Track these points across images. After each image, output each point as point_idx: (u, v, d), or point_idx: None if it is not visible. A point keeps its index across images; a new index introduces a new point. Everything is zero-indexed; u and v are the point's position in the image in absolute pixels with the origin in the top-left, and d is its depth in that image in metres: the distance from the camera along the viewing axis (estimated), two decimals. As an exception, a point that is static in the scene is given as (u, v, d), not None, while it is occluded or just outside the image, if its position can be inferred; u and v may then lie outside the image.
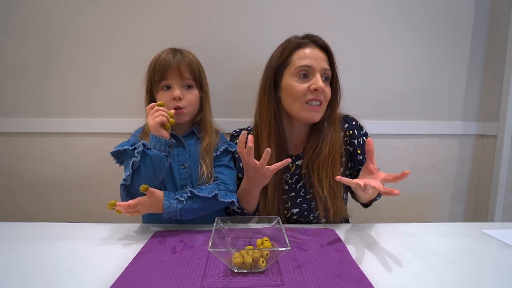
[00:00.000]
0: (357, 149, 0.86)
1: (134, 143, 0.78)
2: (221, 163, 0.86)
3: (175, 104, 0.80)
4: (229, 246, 0.64)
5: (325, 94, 0.80)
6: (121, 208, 0.70)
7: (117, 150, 0.79)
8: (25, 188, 1.16)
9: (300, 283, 0.53)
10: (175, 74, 0.80)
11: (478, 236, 0.74)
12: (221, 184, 0.81)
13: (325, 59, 0.81)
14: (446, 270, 0.59)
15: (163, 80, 0.80)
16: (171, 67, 0.79)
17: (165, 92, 0.81)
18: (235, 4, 1.08)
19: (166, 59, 0.79)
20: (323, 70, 0.80)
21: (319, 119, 0.82)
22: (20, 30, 1.07)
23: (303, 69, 0.79)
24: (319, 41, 0.82)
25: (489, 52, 1.17)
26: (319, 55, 0.80)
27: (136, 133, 0.85)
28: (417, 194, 1.25)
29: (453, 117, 1.21)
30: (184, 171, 0.82)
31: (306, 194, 0.86)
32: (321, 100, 0.80)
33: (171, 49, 0.83)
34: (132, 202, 0.71)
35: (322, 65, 0.79)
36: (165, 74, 0.79)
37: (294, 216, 0.88)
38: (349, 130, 0.87)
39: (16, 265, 0.59)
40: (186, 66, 0.81)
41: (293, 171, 0.87)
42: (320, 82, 0.78)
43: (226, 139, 0.93)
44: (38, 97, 1.11)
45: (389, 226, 0.81)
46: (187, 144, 0.84)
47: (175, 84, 0.80)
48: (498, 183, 1.17)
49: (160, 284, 0.53)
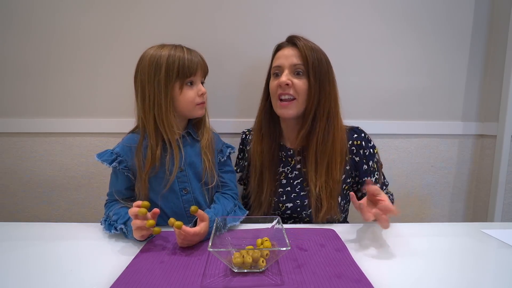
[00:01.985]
0: (363, 159, 0.88)
1: (117, 157, 0.78)
2: (228, 168, 0.91)
3: (201, 99, 0.81)
4: (229, 246, 0.64)
5: (296, 88, 0.82)
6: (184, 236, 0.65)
7: (100, 160, 0.78)
8: (25, 188, 1.16)
9: (300, 283, 0.53)
10: (201, 70, 0.81)
11: (478, 236, 0.74)
12: (230, 191, 0.87)
13: (295, 55, 0.82)
14: (446, 270, 0.59)
15: (192, 76, 0.79)
16: (200, 63, 0.80)
17: (190, 88, 0.80)
18: (235, 4, 1.08)
19: (192, 55, 0.79)
20: (292, 66, 0.82)
21: (291, 114, 0.84)
22: (21, 30, 1.07)
23: (275, 70, 0.86)
24: (293, 40, 0.85)
25: (489, 52, 1.18)
26: (288, 52, 0.83)
27: (125, 143, 0.81)
28: (417, 194, 1.25)
29: (453, 117, 1.21)
30: (181, 174, 0.82)
31: (301, 191, 0.88)
32: (291, 94, 0.82)
33: (179, 46, 0.80)
34: (196, 229, 0.66)
35: (290, 61, 0.82)
36: (195, 70, 0.79)
37: (288, 211, 0.89)
38: (357, 140, 0.88)
39: (16, 265, 0.59)
40: (205, 63, 0.83)
41: (293, 164, 0.90)
42: (283, 77, 0.82)
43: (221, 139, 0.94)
44: (38, 97, 1.11)
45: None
46: (183, 146, 0.83)
47: (197, 80, 0.81)
48: (498, 183, 1.17)
49: (160, 284, 0.53)
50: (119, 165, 0.78)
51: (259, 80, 0.93)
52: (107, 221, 0.74)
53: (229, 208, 0.81)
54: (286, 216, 0.90)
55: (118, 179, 0.81)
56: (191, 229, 0.65)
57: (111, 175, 0.83)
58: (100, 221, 0.77)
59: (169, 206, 0.81)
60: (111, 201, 0.81)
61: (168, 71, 0.76)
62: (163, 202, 0.80)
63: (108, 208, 0.80)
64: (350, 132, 0.89)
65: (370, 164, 0.88)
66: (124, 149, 0.80)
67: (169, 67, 0.76)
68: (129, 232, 0.69)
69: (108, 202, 0.82)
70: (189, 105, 0.80)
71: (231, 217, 0.75)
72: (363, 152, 0.88)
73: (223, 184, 0.88)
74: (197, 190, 0.83)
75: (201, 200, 0.83)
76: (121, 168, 0.78)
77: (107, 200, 0.83)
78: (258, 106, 0.93)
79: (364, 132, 0.91)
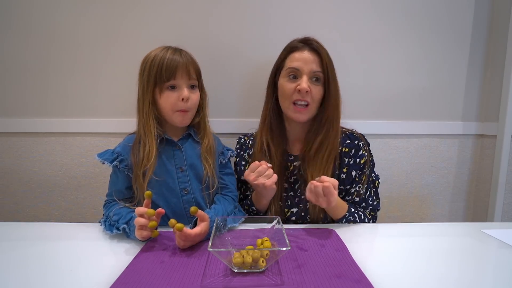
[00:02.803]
0: (343, 167, 0.86)
1: (118, 156, 0.79)
2: (229, 171, 0.91)
3: (183, 105, 0.78)
4: (229, 246, 0.64)
5: (313, 95, 0.82)
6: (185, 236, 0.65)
7: (101, 159, 0.79)
8: (25, 188, 1.16)
9: (300, 283, 0.53)
10: (184, 73, 0.77)
11: (478, 236, 0.74)
12: (230, 193, 0.87)
13: (315, 61, 0.82)
14: (446, 270, 0.59)
15: (171, 80, 0.76)
16: (180, 67, 0.76)
17: (171, 92, 0.77)
18: (235, 5, 1.08)
19: (173, 58, 0.76)
20: (312, 72, 0.82)
21: (304, 119, 0.84)
22: (21, 30, 1.07)
23: (292, 71, 0.83)
24: (312, 44, 0.84)
25: (489, 52, 1.18)
26: (309, 57, 0.82)
27: (126, 143, 0.82)
28: (417, 194, 1.25)
29: (453, 117, 1.21)
30: (181, 174, 0.82)
31: (302, 195, 0.87)
32: (307, 101, 0.82)
33: (170, 48, 0.79)
34: (197, 230, 0.65)
35: (310, 68, 0.82)
36: (174, 74, 0.76)
37: (293, 217, 0.88)
38: (347, 148, 0.87)
39: (16, 265, 0.59)
40: (192, 65, 0.79)
41: (291, 170, 0.89)
42: (304, 83, 0.81)
43: (221, 142, 0.94)
44: (38, 97, 1.11)
45: (389, 226, 0.81)
46: (184, 147, 0.84)
47: (182, 84, 0.77)
48: (498, 183, 1.17)
49: (160, 284, 0.53)
50: (120, 164, 0.79)
51: (259, 80, 0.93)
52: (107, 222, 0.74)
53: (229, 210, 0.81)
54: (291, 222, 0.89)
55: (118, 178, 0.81)
56: (192, 231, 0.64)
57: (111, 175, 0.83)
58: (99, 222, 0.77)
59: (169, 206, 0.81)
60: (110, 202, 0.81)
61: (149, 75, 0.77)
62: (163, 202, 0.80)
63: (107, 209, 0.79)
64: (343, 137, 0.88)
65: (353, 174, 0.86)
66: (125, 149, 0.81)
67: (150, 71, 0.77)
68: (132, 232, 0.69)
69: (108, 203, 0.82)
70: (168, 111, 0.79)
71: (231, 217, 0.75)
72: (347, 160, 0.86)
73: (224, 186, 0.88)
74: (197, 191, 0.83)
75: (201, 201, 0.83)
76: (122, 167, 0.79)
77: (106, 201, 0.83)
78: (258, 106, 0.93)
79: (359, 139, 0.88)
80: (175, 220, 0.63)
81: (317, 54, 0.83)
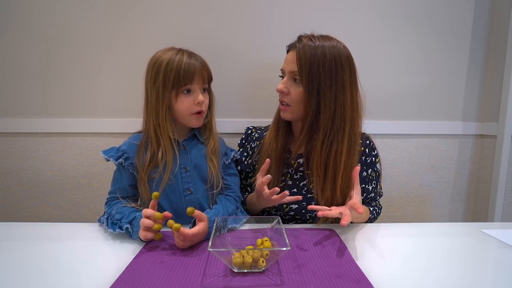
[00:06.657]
0: (363, 166, 0.87)
1: (123, 153, 0.79)
2: (232, 172, 0.91)
3: (198, 108, 0.79)
4: (229, 246, 0.64)
5: (292, 96, 0.80)
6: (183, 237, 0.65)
7: (106, 156, 0.79)
8: (25, 188, 1.16)
9: (300, 283, 0.53)
10: (200, 78, 0.78)
11: (478, 236, 0.74)
12: (233, 194, 0.87)
13: (294, 61, 0.77)
14: (446, 270, 0.59)
15: (188, 84, 0.77)
16: (198, 71, 0.77)
17: (186, 96, 0.78)
18: (237, 5, 1.08)
19: (191, 63, 0.76)
20: (291, 73, 0.79)
21: (289, 118, 0.84)
22: (20, 30, 1.07)
23: (281, 72, 0.85)
24: (295, 43, 0.80)
25: (489, 52, 1.17)
26: (290, 57, 0.80)
27: (132, 141, 0.82)
28: (417, 194, 1.25)
29: (453, 117, 1.21)
30: (186, 174, 0.82)
31: (307, 193, 0.87)
32: (285, 102, 0.82)
33: (184, 51, 0.79)
34: (195, 230, 0.66)
35: (289, 68, 0.80)
36: (192, 79, 0.76)
37: (292, 212, 0.88)
38: (362, 147, 0.87)
39: (16, 265, 0.59)
40: (206, 69, 0.81)
41: (296, 167, 0.88)
42: (280, 84, 0.81)
43: (225, 143, 0.94)
44: (38, 97, 1.11)
45: (389, 226, 0.81)
46: (189, 147, 0.84)
47: (197, 89, 0.78)
48: (498, 183, 1.17)
49: (160, 284, 0.53)
50: (125, 161, 0.79)
51: (260, 80, 0.94)
52: (109, 220, 0.74)
53: (230, 210, 0.81)
54: (288, 217, 0.89)
55: (122, 175, 0.81)
56: (189, 231, 0.64)
57: (115, 172, 0.82)
58: (98, 220, 0.77)
59: (171, 206, 0.81)
60: (113, 200, 0.81)
61: (165, 79, 0.76)
62: (165, 201, 0.80)
63: (109, 206, 0.79)
64: None
65: (369, 172, 0.88)
66: (131, 147, 0.81)
67: (166, 75, 0.76)
68: (135, 233, 0.69)
69: (110, 201, 0.81)
70: (184, 114, 0.80)
71: (232, 218, 0.75)
72: (364, 159, 0.88)
73: (227, 187, 0.88)
74: (200, 191, 0.83)
75: (203, 201, 0.83)
76: (127, 165, 0.79)
77: (109, 198, 0.82)
78: (258, 106, 0.93)
79: (369, 139, 0.90)
80: (172, 221, 0.64)
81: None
